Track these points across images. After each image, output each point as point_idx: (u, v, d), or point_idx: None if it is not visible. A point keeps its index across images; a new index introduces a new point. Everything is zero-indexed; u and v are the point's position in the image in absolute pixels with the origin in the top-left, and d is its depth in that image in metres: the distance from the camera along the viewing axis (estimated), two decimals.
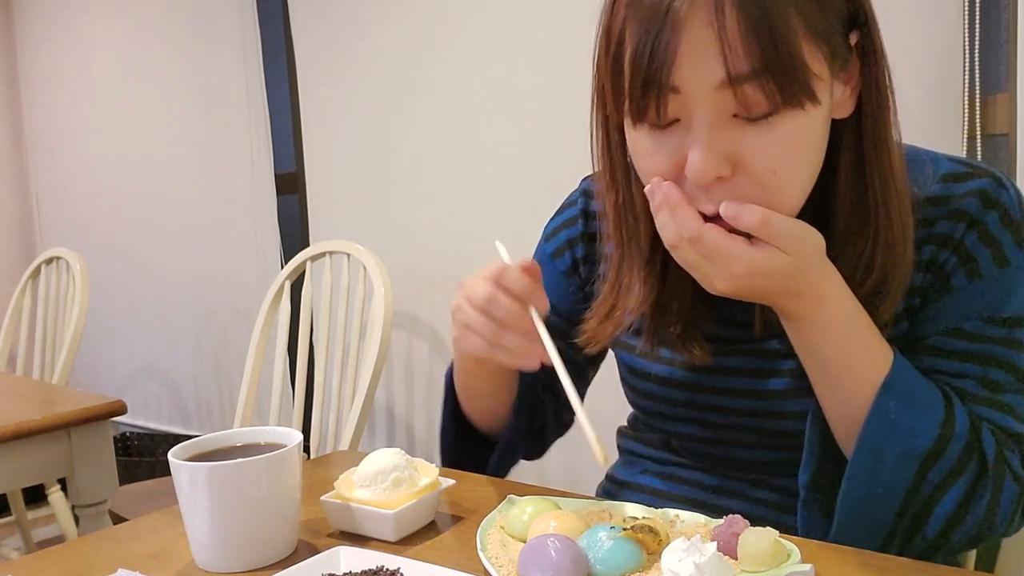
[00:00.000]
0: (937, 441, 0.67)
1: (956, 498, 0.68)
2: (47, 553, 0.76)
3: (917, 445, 0.67)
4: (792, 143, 0.64)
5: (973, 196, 0.72)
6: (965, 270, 0.72)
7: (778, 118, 0.63)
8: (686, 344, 0.80)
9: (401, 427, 2.29)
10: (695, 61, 0.62)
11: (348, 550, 0.68)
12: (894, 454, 0.68)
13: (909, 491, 0.68)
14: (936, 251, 0.73)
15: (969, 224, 0.72)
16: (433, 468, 0.79)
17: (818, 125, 0.66)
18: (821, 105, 0.64)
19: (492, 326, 0.74)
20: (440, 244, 2.13)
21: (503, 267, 0.75)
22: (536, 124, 1.89)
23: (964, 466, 0.68)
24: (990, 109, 1.38)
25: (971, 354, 0.72)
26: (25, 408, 1.48)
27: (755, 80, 0.61)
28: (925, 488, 0.68)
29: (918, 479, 0.68)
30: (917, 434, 0.67)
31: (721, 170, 0.64)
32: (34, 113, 3.47)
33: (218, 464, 0.69)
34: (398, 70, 2.16)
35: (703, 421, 0.84)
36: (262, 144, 2.55)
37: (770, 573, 0.60)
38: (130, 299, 3.11)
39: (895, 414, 0.68)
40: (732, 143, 0.64)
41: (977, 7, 1.34)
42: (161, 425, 3.05)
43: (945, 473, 0.68)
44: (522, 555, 0.63)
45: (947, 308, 0.73)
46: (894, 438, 0.68)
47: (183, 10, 2.73)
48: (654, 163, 0.68)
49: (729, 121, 0.64)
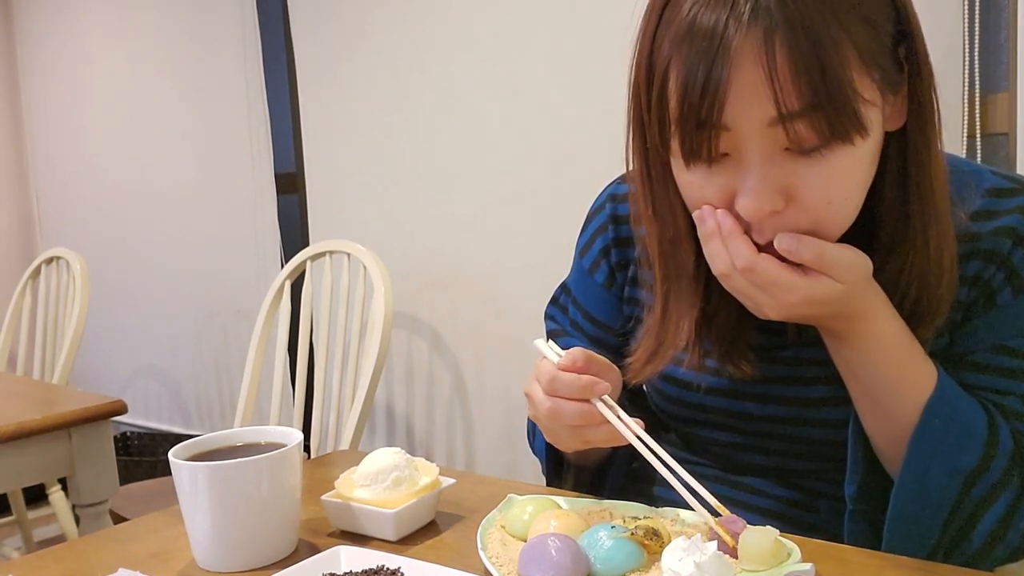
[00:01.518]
0: (983, 458, 0.68)
1: (999, 513, 0.68)
2: (48, 553, 0.76)
3: (963, 462, 0.68)
4: (845, 173, 0.63)
5: (1019, 212, 0.71)
6: (1012, 286, 0.71)
7: (830, 151, 0.62)
8: (733, 359, 0.78)
9: (401, 427, 2.29)
10: (746, 99, 0.61)
11: (348, 549, 0.68)
12: (941, 472, 0.68)
13: (954, 507, 0.68)
14: (982, 266, 0.72)
15: (1016, 241, 0.71)
16: (433, 467, 0.79)
17: (871, 151, 0.65)
18: (871, 134, 0.63)
19: (571, 430, 0.73)
20: (440, 244, 2.13)
21: (552, 376, 0.73)
22: (536, 124, 1.89)
23: (1007, 482, 0.68)
24: (990, 108, 1.38)
25: (1015, 371, 0.71)
26: (25, 408, 1.48)
27: (806, 117, 0.60)
28: (968, 504, 0.68)
29: (962, 495, 0.68)
30: (963, 451, 0.68)
31: (775, 205, 0.64)
32: (34, 113, 3.46)
33: (218, 464, 0.69)
34: (398, 70, 2.16)
35: (733, 428, 0.83)
36: (262, 144, 2.55)
37: (770, 572, 0.60)
38: (130, 299, 3.11)
39: (940, 432, 0.68)
40: (784, 177, 0.63)
41: (977, 6, 1.34)
42: (161, 425, 3.05)
43: (988, 489, 0.68)
44: (522, 554, 0.63)
45: (992, 324, 0.72)
46: (940, 456, 0.68)
47: (183, 10, 2.73)
48: (702, 195, 0.67)
49: (781, 155, 0.63)
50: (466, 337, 2.06)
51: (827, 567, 0.64)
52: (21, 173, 3.54)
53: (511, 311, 1.97)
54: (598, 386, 0.72)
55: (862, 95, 0.61)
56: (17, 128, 3.53)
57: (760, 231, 0.66)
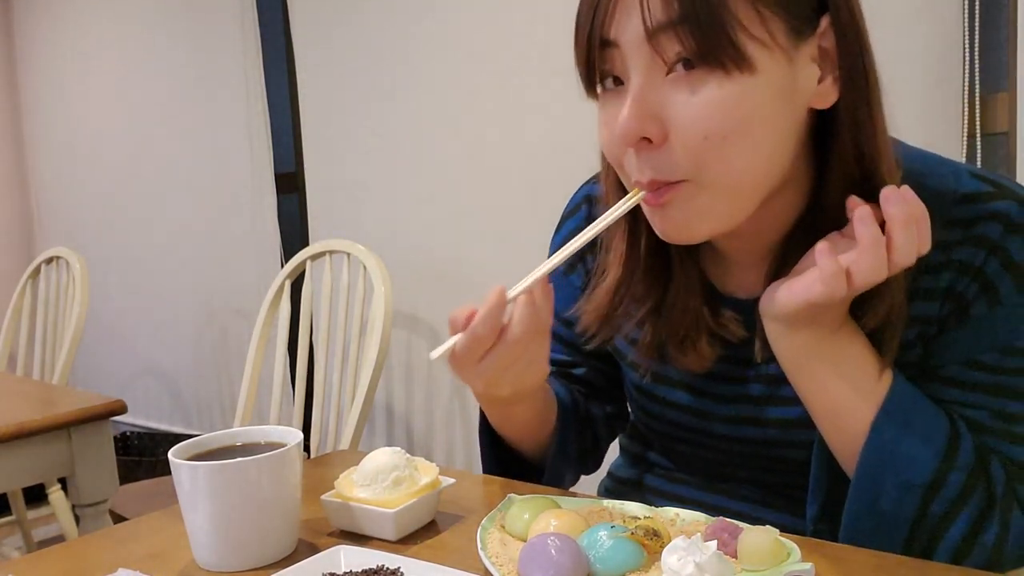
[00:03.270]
0: (936, 472, 0.65)
1: (962, 531, 0.66)
2: (48, 552, 0.76)
3: (915, 476, 0.65)
4: (723, 107, 0.61)
5: (995, 221, 0.67)
6: (986, 298, 0.67)
7: (704, 77, 0.61)
8: (684, 349, 0.77)
9: (401, 426, 2.29)
10: (625, 13, 0.62)
11: (348, 549, 0.68)
12: (893, 484, 0.66)
13: (914, 523, 0.66)
14: (955, 278, 0.68)
15: (991, 250, 0.67)
16: (433, 467, 0.79)
17: (761, 99, 0.61)
18: (760, 74, 0.61)
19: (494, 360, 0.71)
20: (440, 243, 2.13)
21: None
22: (536, 124, 1.89)
23: (968, 498, 0.66)
24: (990, 108, 1.38)
25: (987, 386, 0.69)
26: (25, 408, 1.48)
27: (673, 30, 0.60)
28: (930, 520, 0.66)
29: (921, 511, 0.66)
30: (916, 464, 0.66)
31: (647, 129, 0.62)
32: (34, 113, 3.46)
33: (218, 463, 0.69)
34: (398, 70, 2.16)
35: (710, 446, 0.82)
36: (262, 144, 2.55)
37: (770, 572, 0.60)
38: (130, 299, 3.11)
39: (892, 443, 0.66)
40: (662, 104, 0.62)
41: (977, 6, 1.34)
42: (161, 424, 3.05)
43: (948, 505, 0.65)
44: (522, 554, 0.62)
45: (965, 338, 0.69)
46: (892, 468, 0.66)
47: (183, 10, 2.73)
48: (606, 134, 0.67)
49: (661, 80, 0.62)
50: None
51: (827, 567, 0.63)
52: (21, 173, 3.54)
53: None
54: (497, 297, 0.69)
55: (742, 23, 0.60)
56: (17, 128, 3.52)
57: (639, 166, 0.65)
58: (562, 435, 0.86)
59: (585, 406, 0.92)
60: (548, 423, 0.86)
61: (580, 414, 0.91)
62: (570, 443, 0.88)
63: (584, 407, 0.92)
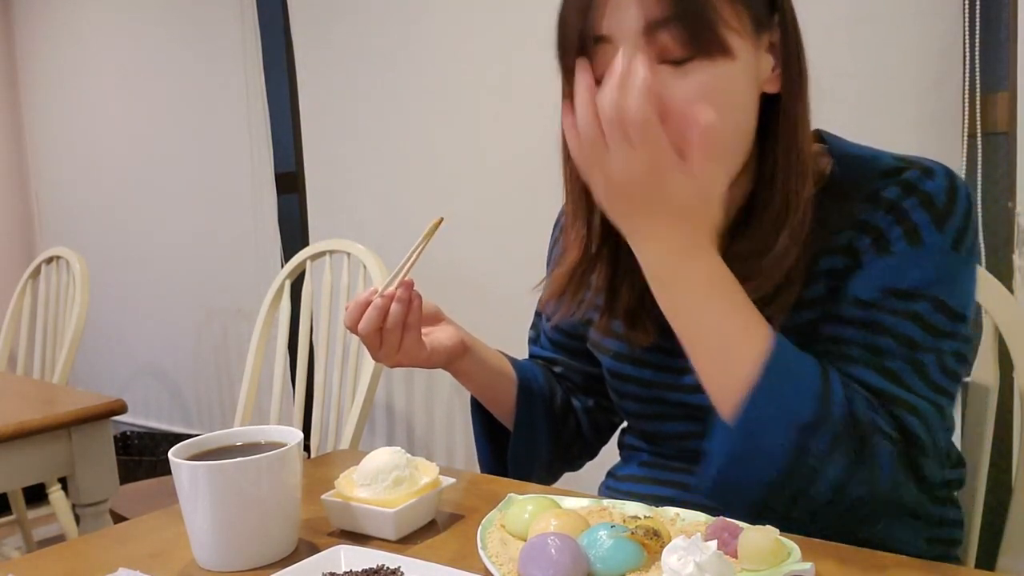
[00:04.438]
0: (816, 414, 0.68)
1: (842, 464, 0.68)
2: (48, 552, 0.76)
3: (798, 416, 0.68)
4: (713, 89, 0.69)
5: (898, 185, 0.74)
6: (876, 247, 0.74)
7: (694, 65, 0.69)
8: (633, 325, 0.84)
9: (401, 426, 2.29)
10: (617, 9, 0.69)
11: (349, 549, 0.68)
12: (777, 424, 0.69)
13: (794, 455, 0.68)
14: (855, 235, 0.75)
15: (888, 209, 0.74)
16: (433, 467, 0.79)
17: (738, 81, 0.71)
18: (738, 60, 0.70)
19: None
20: (440, 243, 2.12)
21: None
22: (536, 124, 1.89)
23: (845, 433, 0.68)
24: (990, 108, 1.38)
25: (863, 322, 0.73)
26: (25, 408, 1.48)
27: (669, 26, 0.68)
28: (809, 458, 0.68)
29: (800, 449, 0.68)
30: (797, 406, 0.68)
31: None
32: (34, 113, 3.46)
33: (218, 463, 0.69)
34: (398, 70, 2.16)
35: (681, 416, 0.86)
36: (262, 144, 2.55)
37: (770, 572, 0.60)
38: (130, 299, 3.10)
39: (775, 386, 0.69)
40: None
41: (977, 5, 1.34)
42: (161, 424, 3.05)
43: (828, 442, 0.68)
44: (522, 554, 0.63)
45: (855, 282, 0.75)
46: (776, 408, 0.69)
47: (183, 10, 2.73)
48: None
49: (654, 68, 0.69)
50: None
51: (827, 567, 0.64)
52: (21, 173, 3.54)
53: (510, 310, 1.97)
54: None
55: (723, 17, 0.69)
56: (17, 128, 3.53)
57: None
58: (526, 404, 0.96)
59: (565, 396, 1.00)
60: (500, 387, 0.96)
61: (557, 400, 0.99)
62: (538, 418, 0.97)
63: (564, 396, 1.00)
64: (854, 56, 1.45)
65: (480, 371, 0.95)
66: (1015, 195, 1.36)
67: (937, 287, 0.72)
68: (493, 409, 0.99)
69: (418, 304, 0.86)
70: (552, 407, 0.98)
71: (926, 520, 0.82)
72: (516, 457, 0.96)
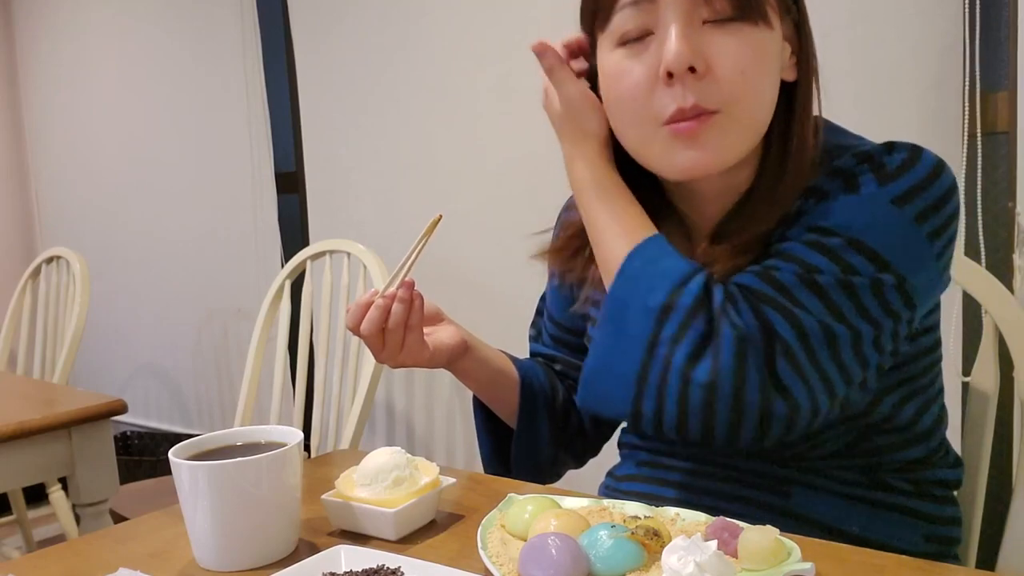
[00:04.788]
0: (669, 296, 0.71)
1: (687, 350, 0.69)
2: (48, 552, 0.76)
3: (652, 300, 0.72)
4: (757, 50, 0.73)
5: (853, 156, 0.75)
6: (815, 199, 0.75)
7: (741, 25, 0.72)
8: None
9: (401, 426, 2.29)
10: None
11: (349, 549, 0.68)
12: (636, 308, 0.73)
13: (649, 344, 0.71)
14: (802, 202, 0.77)
15: (835, 174, 0.75)
16: (433, 467, 0.79)
17: (773, 50, 0.75)
18: (774, 31, 0.74)
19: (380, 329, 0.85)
20: (439, 243, 2.12)
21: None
22: (536, 124, 1.89)
23: (691, 320, 0.70)
24: (990, 107, 1.38)
25: (777, 252, 0.75)
26: (26, 408, 1.48)
27: None
28: (663, 345, 0.70)
29: (656, 333, 0.71)
30: (654, 290, 0.72)
31: (695, 61, 0.71)
32: (34, 113, 3.46)
33: (219, 463, 0.69)
34: (398, 69, 2.16)
35: None
36: (262, 144, 2.55)
37: (770, 571, 0.60)
38: (130, 299, 3.10)
39: (639, 271, 0.74)
40: (704, 44, 0.72)
41: (977, 5, 1.34)
42: (162, 424, 3.05)
43: (676, 326, 0.70)
44: (523, 553, 0.63)
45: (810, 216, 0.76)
46: (636, 293, 0.73)
47: (183, 10, 2.73)
48: (631, 79, 0.75)
49: (700, 26, 0.72)
50: None
51: (827, 566, 0.64)
52: (21, 173, 3.54)
53: (510, 310, 1.97)
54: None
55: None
56: (17, 128, 3.53)
57: (682, 93, 0.73)
58: (528, 403, 0.97)
59: (567, 394, 1.01)
60: (502, 386, 0.97)
61: (559, 398, 1.00)
62: (541, 417, 0.98)
63: (565, 394, 1.01)
64: (854, 55, 1.45)
65: (482, 370, 0.96)
66: (1015, 195, 1.36)
67: (861, 232, 0.72)
68: (495, 407, 1.00)
69: (420, 304, 0.87)
70: (554, 405, 0.99)
71: (924, 518, 0.82)
72: (519, 455, 0.97)
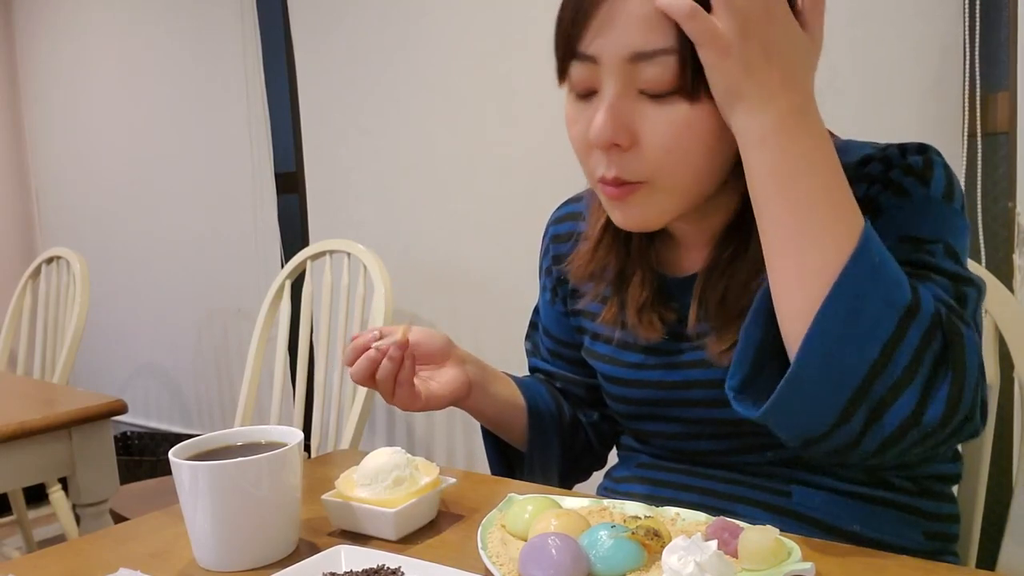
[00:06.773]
0: (912, 298, 0.63)
1: (931, 361, 0.62)
2: (48, 552, 0.76)
3: (899, 297, 0.62)
4: (689, 129, 0.68)
5: (879, 163, 0.75)
6: (892, 191, 0.73)
7: (674, 100, 0.68)
8: (641, 318, 0.85)
9: (401, 426, 2.29)
10: (608, 32, 0.68)
11: (349, 549, 0.68)
12: (876, 300, 0.62)
13: (889, 343, 0.62)
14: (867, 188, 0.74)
15: (873, 182, 0.74)
16: (434, 467, 0.79)
17: (713, 124, 0.68)
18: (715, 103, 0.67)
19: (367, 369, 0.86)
20: (440, 243, 2.13)
21: None
22: (536, 124, 1.89)
23: (936, 331, 0.63)
24: (990, 107, 1.38)
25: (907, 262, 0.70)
26: (26, 408, 1.48)
27: (654, 58, 0.66)
28: (903, 350, 0.62)
29: (900, 332, 0.62)
30: (900, 286, 0.63)
31: (619, 137, 0.69)
32: (34, 112, 3.46)
33: (219, 463, 0.69)
34: (398, 70, 2.16)
35: (672, 417, 0.86)
36: (262, 144, 2.55)
37: (771, 571, 0.60)
38: (130, 299, 3.10)
39: (878, 260, 0.63)
40: (635, 116, 0.69)
41: (977, 5, 1.34)
42: (162, 424, 3.05)
43: (920, 334, 0.62)
44: (523, 553, 0.63)
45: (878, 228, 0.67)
46: (878, 284, 0.63)
47: (183, 10, 2.73)
48: (575, 131, 0.74)
49: (635, 96, 0.69)
50: (466, 336, 2.06)
51: (827, 566, 0.64)
52: (22, 173, 3.54)
53: (510, 310, 1.97)
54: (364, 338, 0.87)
55: None
56: (17, 128, 3.53)
57: (606, 164, 0.72)
58: (537, 430, 0.96)
59: (572, 412, 1.01)
60: (509, 417, 0.96)
61: (565, 418, 0.99)
62: (550, 441, 0.97)
63: (571, 412, 1.01)
64: (854, 56, 1.45)
65: (489, 407, 0.95)
66: (1015, 195, 1.36)
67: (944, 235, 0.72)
68: (503, 436, 0.99)
69: (411, 364, 0.86)
70: (562, 425, 0.99)
71: (924, 515, 0.82)
72: (530, 478, 0.97)
